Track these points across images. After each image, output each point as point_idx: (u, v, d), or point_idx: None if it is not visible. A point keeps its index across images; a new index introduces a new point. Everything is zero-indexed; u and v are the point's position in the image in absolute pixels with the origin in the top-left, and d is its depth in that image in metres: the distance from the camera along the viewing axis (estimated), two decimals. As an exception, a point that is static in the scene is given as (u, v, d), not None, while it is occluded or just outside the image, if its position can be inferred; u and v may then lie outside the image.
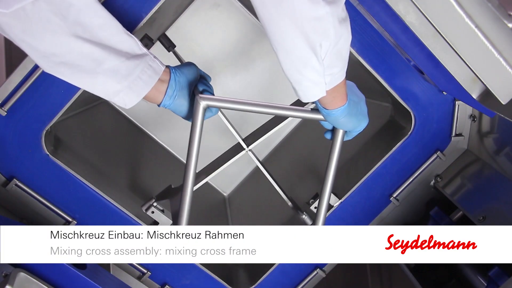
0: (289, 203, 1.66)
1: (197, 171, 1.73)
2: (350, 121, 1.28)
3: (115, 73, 1.18)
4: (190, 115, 1.34)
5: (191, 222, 1.36)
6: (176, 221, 1.38)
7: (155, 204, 1.61)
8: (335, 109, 1.23)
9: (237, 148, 1.59)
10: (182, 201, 1.34)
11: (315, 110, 1.30)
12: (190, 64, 1.37)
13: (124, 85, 1.20)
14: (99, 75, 1.18)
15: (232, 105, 1.33)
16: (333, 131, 1.35)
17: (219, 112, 1.48)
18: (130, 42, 1.19)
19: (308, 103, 1.37)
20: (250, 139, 1.59)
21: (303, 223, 1.62)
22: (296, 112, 1.33)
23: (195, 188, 1.59)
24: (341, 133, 1.34)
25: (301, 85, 1.14)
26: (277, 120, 1.52)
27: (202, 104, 1.29)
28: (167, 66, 1.30)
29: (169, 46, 1.54)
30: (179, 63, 1.63)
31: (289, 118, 1.43)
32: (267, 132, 1.52)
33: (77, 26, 1.12)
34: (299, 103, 1.50)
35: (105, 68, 1.17)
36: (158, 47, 1.77)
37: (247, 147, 1.56)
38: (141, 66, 1.20)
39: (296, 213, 1.64)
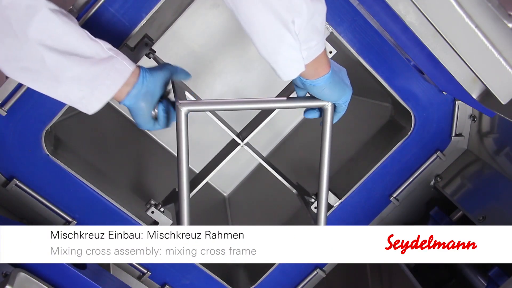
0: (294, 191, 1.65)
1: (197, 172, 1.73)
2: (334, 89, 1.24)
3: (78, 81, 1.16)
4: (145, 123, 1.28)
5: (192, 222, 1.36)
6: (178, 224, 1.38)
7: (153, 202, 1.61)
8: (319, 79, 1.20)
9: (232, 145, 1.59)
10: (180, 207, 1.33)
11: (299, 98, 1.29)
12: (164, 67, 1.30)
13: (86, 92, 1.18)
14: (61, 84, 1.15)
15: (214, 106, 1.32)
16: (322, 115, 1.33)
17: (209, 112, 1.47)
18: (95, 47, 1.16)
19: (292, 92, 1.38)
20: (244, 134, 1.59)
21: (311, 210, 1.60)
22: (280, 103, 1.33)
23: (194, 191, 1.59)
24: (330, 113, 1.31)
25: (279, 64, 1.13)
26: (267, 111, 1.52)
27: (183, 110, 1.25)
28: (138, 66, 1.24)
29: (149, 53, 1.53)
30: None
31: (279, 110, 1.43)
32: (259, 125, 1.51)
33: (41, 33, 1.10)
34: (283, 95, 1.50)
35: (68, 76, 1.15)
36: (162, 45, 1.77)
37: (242, 141, 1.56)
38: (106, 70, 1.17)
39: (302, 199, 1.63)
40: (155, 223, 1.65)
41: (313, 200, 1.62)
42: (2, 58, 1.12)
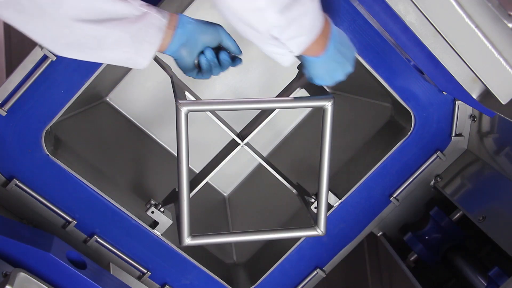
0: (294, 191, 1.65)
1: (197, 172, 1.73)
2: (325, 70, 1.28)
3: (119, 44, 1.19)
4: (187, 71, 1.33)
5: (191, 222, 1.36)
6: (179, 231, 1.38)
7: (153, 202, 1.60)
8: (311, 58, 1.24)
9: (232, 145, 1.59)
10: (180, 207, 1.33)
11: (299, 98, 1.29)
12: (214, 24, 1.33)
13: (131, 53, 1.22)
14: (105, 50, 1.20)
15: (214, 106, 1.32)
16: (322, 115, 1.33)
17: (209, 112, 1.47)
18: (127, 8, 1.18)
19: (292, 92, 1.41)
20: (244, 134, 1.59)
21: (311, 210, 1.60)
22: (280, 103, 1.33)
23: (194, 191, 1.59)
24: (330, 113, 1.31)
25: (272, 56, 1.22)
26: (268, 111, 1.52)
27: (183, 110, 1.25)
28: (178, 15, 1.28)
29: None
30: (166, 68, 1.62)
31: (279, 110, 1.44)
32: (259, 125, 1.51)
33: (73, 9, 1.13)
34: (283, 95, 1.50)
35: (109, 42, 1.19)
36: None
37: (242, 141, 1.56)
38: (144, 28, 1.20)
39: (302, 199, 1.63)
40: (155, 223, 1.65)
41: (313, 200, 1.62)
42: (47, 39, 1.17)
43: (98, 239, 1.74)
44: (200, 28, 1.30)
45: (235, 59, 1.36)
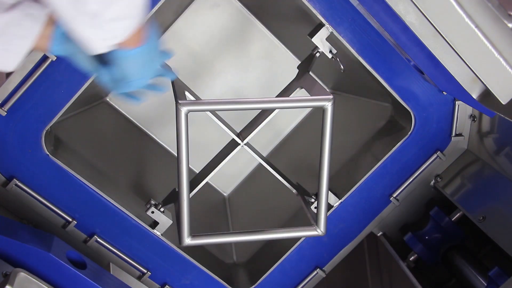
0: (294, 191, 1.65)
1: (197, 172, 1.73)
2: (133, 66, 1.14)
3: None
4: (90, 65, 1.15)
5: (191, 222, 1.36)
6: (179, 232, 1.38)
7: (153, 202, 1.60)
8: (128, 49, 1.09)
9: (232, 145, 1.59)
10: (180, 207, 1.33)
11: (299, 98, 1.30)
12: None
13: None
14: None
15: (214, 106, 1.33)
16: (322, 115, 1.33)
17: (209, 112, 1.47)
18: None
19: (292, 92, 1.42)
20: (244, 134, 1.59)
21: (311, 210, 1.60)
22: (280, 103, 1.33)
23: (194, 191, 1.60)
24: (330, 113, 1.31)
25: (87, 43, 1.04)
26: (268, 111, 1.52)
27: (184, 110, 1.25)
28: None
29: None
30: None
31: (279, 110, 1.44)
32: (259, 125, 1.52)
33: None
34: (283, 95, 1.50)
35: None
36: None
37: (242, 141, 1.56)
38: (16, 19, 0.99)
39: (302, 199, 1.63)
40: (155, 223, 1.65)
41: (313, 200, 1.62)
42: None
43: (98, 239, 1.74)
44: None
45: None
